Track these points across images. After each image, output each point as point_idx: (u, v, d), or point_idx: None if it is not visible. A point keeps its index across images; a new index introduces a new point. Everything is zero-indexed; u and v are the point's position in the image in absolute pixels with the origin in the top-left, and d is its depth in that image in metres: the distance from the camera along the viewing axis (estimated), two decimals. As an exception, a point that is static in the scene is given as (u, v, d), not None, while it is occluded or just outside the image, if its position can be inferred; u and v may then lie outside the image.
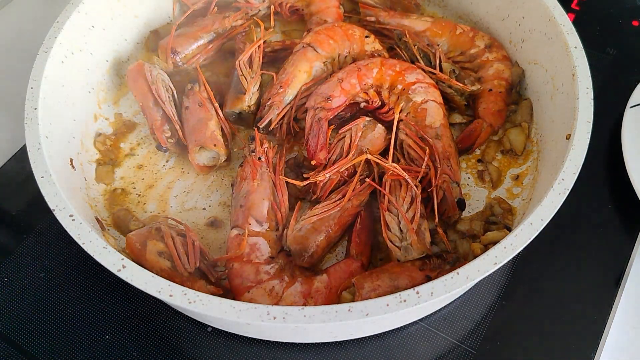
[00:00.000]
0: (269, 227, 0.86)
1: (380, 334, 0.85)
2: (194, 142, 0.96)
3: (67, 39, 0.97)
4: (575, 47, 0.90)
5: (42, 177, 0.79)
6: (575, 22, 0.99)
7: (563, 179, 0.76)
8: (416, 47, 1.04)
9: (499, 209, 0.92)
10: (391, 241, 0.82)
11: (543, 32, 0.98)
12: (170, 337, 0.87)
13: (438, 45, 1.09)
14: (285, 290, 0.80)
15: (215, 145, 0.96)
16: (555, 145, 0.89)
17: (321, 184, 0.89)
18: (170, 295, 0.67)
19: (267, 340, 0.85)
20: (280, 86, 0.99)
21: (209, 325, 0.87)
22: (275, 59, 1.10)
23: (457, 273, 0.68)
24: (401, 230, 0.82)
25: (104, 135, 1.04)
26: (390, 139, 0.91)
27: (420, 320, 0.87)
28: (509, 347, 0.85)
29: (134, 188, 0.99)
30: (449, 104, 1.03)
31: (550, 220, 0.73)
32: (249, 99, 1.01)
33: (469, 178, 0.98)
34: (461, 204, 0.89)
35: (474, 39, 1.09)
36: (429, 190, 0.88)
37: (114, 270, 0.70)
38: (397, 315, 0.68)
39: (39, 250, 0.95)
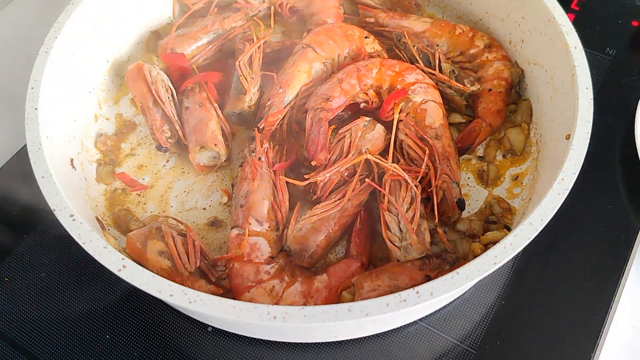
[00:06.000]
0: (269, 227, 0.87)
1: (380, 334, 0.86)
2: (195, 142, 0.97)
3: (67, 40, 0.97)
4: (575, 48, 0.90)
5: (42, 177, 0.79)
6: (575, 22, 0.99)
7: (563, 179, 0.76)
8: (415, 48, 1.04)
9: (498, 208, 0.92)
10: (391, 241, 0.82)
11: (543, 32, 0.98)
12: (170, 337, 0.87)
13: (437, 45, 1.09)
14: (285, 290, 0.80)
15: (215, 145, 0.96)
16: (555, 145, 0.89)
17: (321, 184, 0.89)
18: (171, 295, 0.67)
19: (267, 340, 0.86)
20: (280, 87, 0.99)
21: (209, 325, 0.87)
22: (275, 60, 1.11)
23: (457, 273, 0.68)
24: (401, 230, 0.82)
25: (105, 136, 1.04)
26: (390, 139, 0.92)
27: (420, 320, 0.87)
28: (509, 347, 0.85)
29: (134, 188, 0.99)
30: (448, 104, 1.03)
31: (550, 219, 0.73)
32: (250, 100, 1.01)
33: (469, 178, 0.98)
34: (461, 204, 0.89)
35: (473, 39, 1.09)
36: (428, 190, 0.88)
37: (114, 270, 0.70)
38: (397, 315, 0.68)
39: (39, 250, 0.95)
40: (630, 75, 1.15)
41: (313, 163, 0.91)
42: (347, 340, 0.85)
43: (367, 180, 0.88)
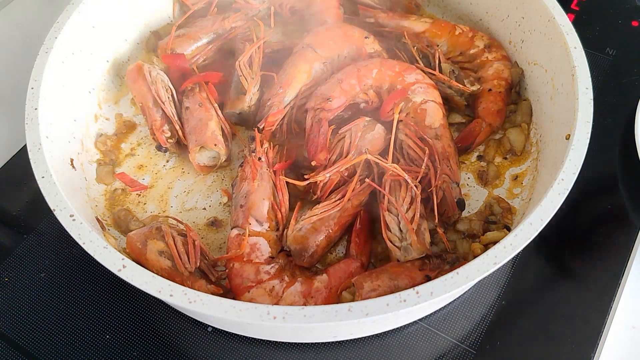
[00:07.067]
0: (269, 227, 0.87)
1: (380, 334, 0.86)
2: (195, 142, 0.97)
3: (67, 40, 0.97)
4: (575, 48, 0.90)
5: (42, 177, 0.79)
6: (575, 23, 0.99)
7: (563, 179, 0.76)
8: (415, 48, 1.04)
9: (498, 208, 0.92)
10: (391, 241, 0.82)
11: (543, 32, 0.98)
12: (170, 337, 0.87)
13: (437, 45, 1.09)
14: (285, 290, 0.80)
15: (215, 145, 0.96)
16: (554, 145, 0.89)
17: (321, 184, 0.89)
18: (171, 295, 0.67)
19: (267, 340, 0.86)
20: (280, 87, 0.99)
21: (209, 325, 0.87)
22: (276, 60, 1.10)
23: (457, 273, 0.68)
24: (401, 231, 0.82)
25: (105, 136, 1.04)
26: (390, 139, 0.92)
27: (420, 320, 0.87)
28: (509, 347, 0.85)
29: (134, 188, 0.99)
30: (448, 104, 1.03)
31: (550, 219, 0.73)
32: (250, 100, 1.01)
33: (469, 178, 0.98)
34: (461, 204, 0.89)
35: (473, 39, 1.09)
36: (428, 190, 0.88)
37: (114, 270, 0.70)
38: (397, 315, 0.68)
39: (39, 250, 0.95)
40: (630, 75, 1.15)
41: (313, 163, 0.91)
42: (347, 340, 0.85)
43: (367, 180, 0.88)
